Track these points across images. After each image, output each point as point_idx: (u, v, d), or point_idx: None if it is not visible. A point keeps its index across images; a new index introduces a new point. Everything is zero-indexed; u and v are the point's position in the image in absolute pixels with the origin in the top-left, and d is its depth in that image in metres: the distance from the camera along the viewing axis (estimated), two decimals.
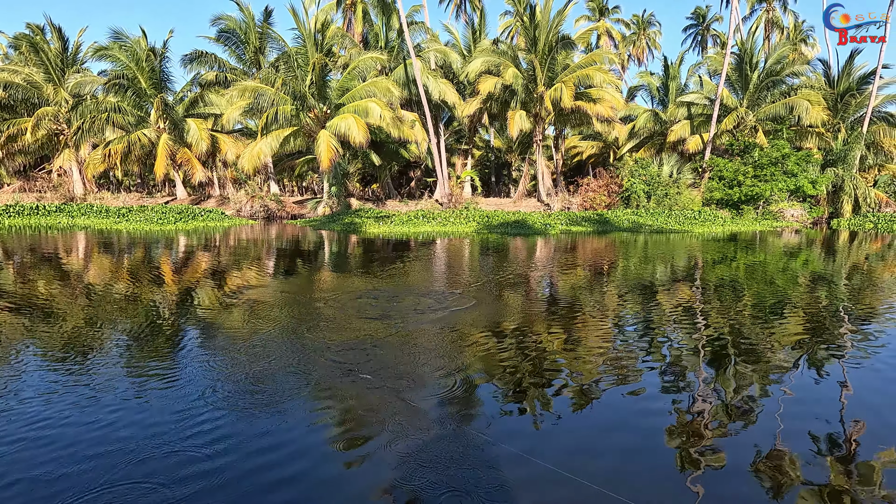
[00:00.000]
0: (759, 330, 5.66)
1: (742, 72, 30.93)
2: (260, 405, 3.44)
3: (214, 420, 3.19)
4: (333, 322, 5.64)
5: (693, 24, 53.76)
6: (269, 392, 3.65)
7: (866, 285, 8.89)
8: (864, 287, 8.71)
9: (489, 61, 29.50)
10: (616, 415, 3.48)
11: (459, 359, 4.41)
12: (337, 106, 26.60)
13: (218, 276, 8.92)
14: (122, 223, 20.39)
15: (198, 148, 27.20)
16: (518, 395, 3.76)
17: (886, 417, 3.45)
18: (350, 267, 10.06)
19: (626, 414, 3.50)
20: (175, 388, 3.71)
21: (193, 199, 30.91)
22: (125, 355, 4.53)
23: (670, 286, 8.46)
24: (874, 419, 3.40)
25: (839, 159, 29.86)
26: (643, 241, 16.85)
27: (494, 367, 4.28)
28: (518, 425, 3.30)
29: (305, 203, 28.61)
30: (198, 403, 3.42)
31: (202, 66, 31.27)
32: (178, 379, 3.91)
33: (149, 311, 6.12)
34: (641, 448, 3.02)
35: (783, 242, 17.11)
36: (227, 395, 3.61)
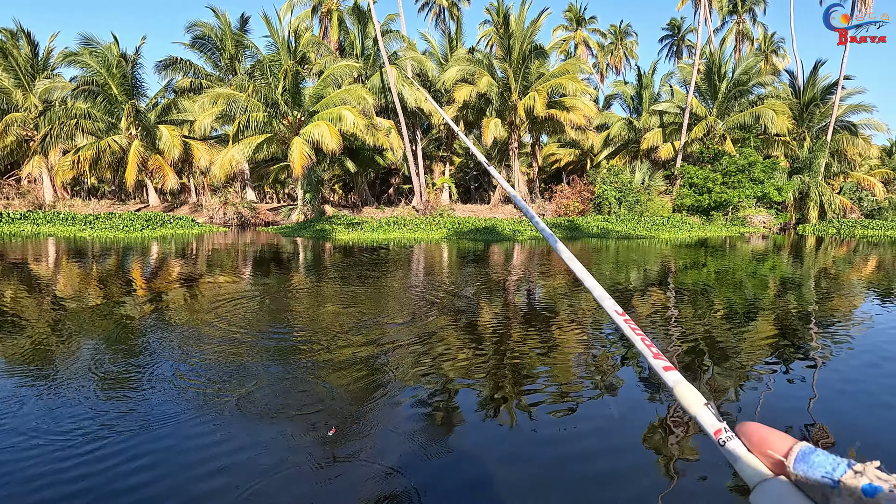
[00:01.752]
0: (727, 334, 5.82)
1: (711, 82, 31.69)
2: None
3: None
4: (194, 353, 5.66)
5: (669, 35, 54.90)
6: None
7: (832, 289, 9.15)
8: (830, 291, 8.95)
9: (465, 70, 29.83)
10: (589, 420, 3.55)
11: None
12: (311, 113, 26.63)
13: (131, 286, 8.86)
14: (87, 231, 20.12)
15: (170, 155, 26.98)
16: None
17: (852, 418, 3.58)
18: (289, 280, 10.05)
19: (600, 419, 3.57)
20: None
21: (166, 206, 30.60)
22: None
23: (623, 290, 8.63)
24: (840, 420, 3.52)
25: (805, 167, 30.70)
26: (608, 246, 17.13)
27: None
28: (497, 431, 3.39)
29: (280, 210, 28.49)
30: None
31: (177, 72, 31.10)
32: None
33: (36, 325, 6.01)
34: (621, 448, 3.13)
35: (745, 247, 17.52)
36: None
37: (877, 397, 3.91)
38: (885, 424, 3.46)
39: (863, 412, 3.66)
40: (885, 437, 3.27)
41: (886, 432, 3.34)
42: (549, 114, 29.18)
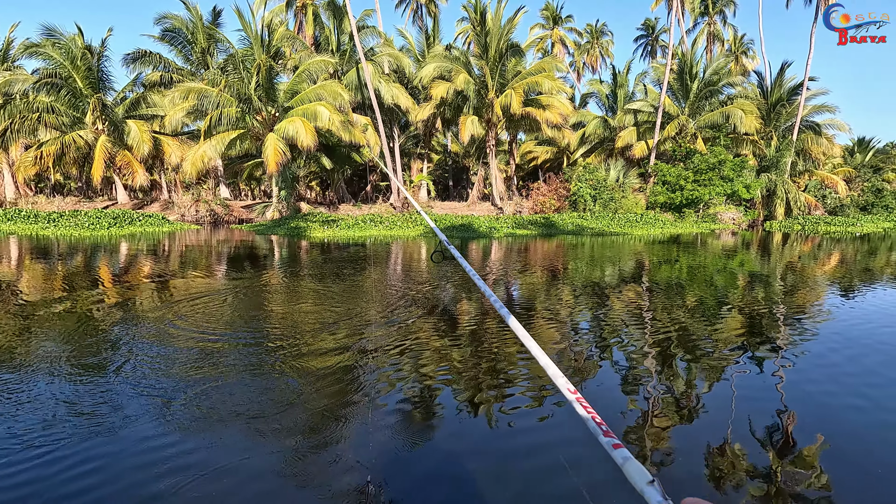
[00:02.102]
0: (698, 328, 5.94)
1: (683, 82, 32.35)
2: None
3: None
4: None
5: (643, 35, 55.78)
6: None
7: (797, 284, 9.43)
8: (796, 286, 9.23)
9: (442, 66, 29.76)
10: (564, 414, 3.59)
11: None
12: (285, 109, 26.22)
13: (92, 285, 8.64)
14: (50, 229, 19.44)
15: (139, 150, 26.23)
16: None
17: (817, 407, 3.70)
18: (259, 278, 9.91)
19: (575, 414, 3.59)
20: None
21: (136, 203, 29.78)
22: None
23: (597, 286, 8.76)
24: (805, 411, 3.64)
25: (772, 165, 31.65)
26: (583, 243, 17.36)
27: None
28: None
29: (255, 207, 28.02)
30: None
31: (146, 65, 30.23)
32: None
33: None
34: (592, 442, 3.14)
35: (715, 244, 17.99)
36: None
37: (839, 388, 4.06)
38: (847, 414, 3.60)
39: (826, 403, 3.79)
40: (846, 428, 3.40)
41: (848, 422, 3.48)
42: (526, 112, 29.37)
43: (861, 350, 5.06)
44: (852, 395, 3.92)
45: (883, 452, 3.06)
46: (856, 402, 3.78)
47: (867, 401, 3.80)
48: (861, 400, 3.82)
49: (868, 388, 4.06)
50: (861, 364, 4.63)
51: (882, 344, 5.29)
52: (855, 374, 4.38)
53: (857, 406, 3.72)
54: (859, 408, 3.69)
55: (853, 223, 28.49)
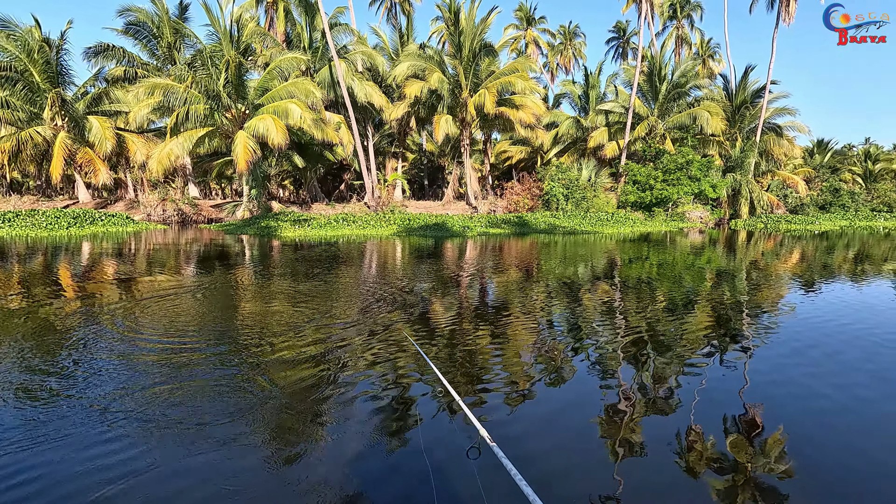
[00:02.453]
0: (668, 324, 6.05)
1: (652, 83, 33.10)
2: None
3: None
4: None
5: (615, 37, 56.79)
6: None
7: (761, 281, 9.72)
8: (759, 282, 9.51)
9: (415, 65, 29.68)
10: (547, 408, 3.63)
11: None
12: (256, 106, 25.73)
13: (46, 287, 8.33)
14: (5, 229, 18.58)
15: (101, 148, 25.33)
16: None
17: (780, 400, 3.80)
18: (224, 278, 9.69)
19: (548, 411, 3.63)
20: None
21: (99, 202, 28.76)
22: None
23: (570, 284, 8.86)
24: (767, 404, 3.73)
25: (737, 165, 32.69)
26: (556, 242, 17.57)
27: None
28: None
29: (224, 206, 27.40)
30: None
31: (108, 59, 29.24)
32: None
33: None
34: (571, 437, 3.18)
35: (684, 242, 18.45)
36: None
37: (800, 382, 4.19)
38: (806, 405, 3.73)
39: (788, 396, 3.91)
40: (807, 419, 3.51)
41: (809, 413, 3.60)
42: (500, 111, 29.55)
43: (817, 345, 5.24)
44: (811, 386, 4.06)
45: (842, 441, 3.19)
46: (819, 394, 3.92)
47: (827, 392, 3.95)
48: (820, 391, 3.97)
49: (828, 379, 4.22)
50: (823, 357, 4.79)
51: (835, 340, 5.50)
52: (817, 366, 4.53)
53: (820, 397, 3.86)
54: (822, 398, 3.83)
55: (812, 221, 29.67)
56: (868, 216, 33.37)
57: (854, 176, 45.07)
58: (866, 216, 33.31)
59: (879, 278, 9.88)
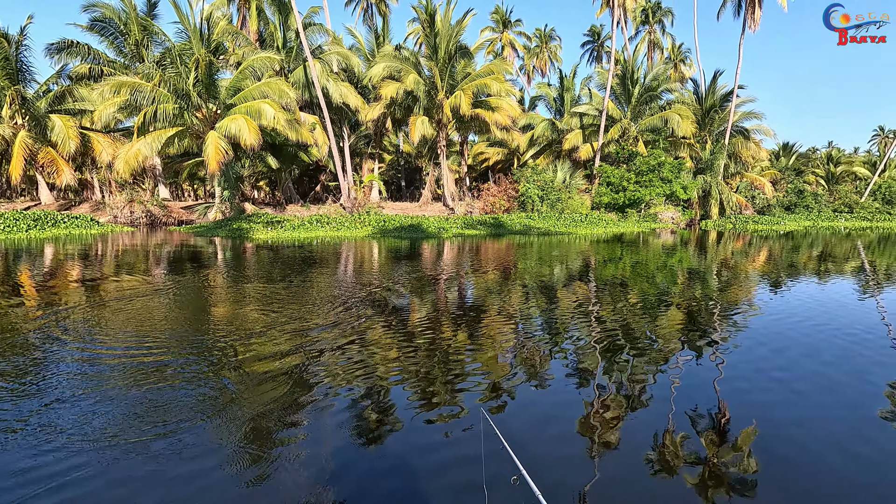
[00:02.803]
0: (641, 323, 6.09)
1: (625, 87, 33.68)
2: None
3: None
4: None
5: (590, 41, 57.66)
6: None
7: (730, 279, 9.94)
8: (729, 281, 9.72)
9: (391, 66, 29.56)
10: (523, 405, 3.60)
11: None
12: (228, 106, 25.22)
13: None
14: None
15: (65, 147, 24.45)
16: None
17: (749, 396, 3.88)
18: (189, 281, 9.45)
19: (534, 406, 3.63)
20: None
21: (63, 204, 27.78)
22: None
23: (546, 284, 8.90)
24: (740, 398, 3.83)
25: (707, 167, 33.48)
26: (529, 242, 17.69)
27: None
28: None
29: (195, 208, 26.77)
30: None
31: (73, 56, 28.25)
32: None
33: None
34: (550, 437, 3.19)
35: (656, 242, 18.80)
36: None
37: (769, 375, 4.31)
38: (775, 398, 3.82)
39: (758, 389, 4.01)
40: (775, 412, 3.59)
41: (778, 406, 3.69)
42: (475, 113, 29.64)
43: (785, 343, 5.36)
44: (776, 383, 4.16)
45: (804, 435, 3.28)
46: (782, 391, 4.01)
47: (791, 389, 4.05)
48: (785, 388, 4.06)
49: (790, 376, 4.32)
50: (785, 356, 4.89)
51: (804, 336, 5.64)
52: (780, 365, 4.62)
53: (783, 394, 3.94)
54: (785, 395, 3.92)
55: (778, 222, 30.62)
56: (830, 217, 34.63)
57: (817, 178, 46.71)
58: (828, 217, 34.57)
59: (843, 276, 10.24)
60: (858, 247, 17.57)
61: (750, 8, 31.55)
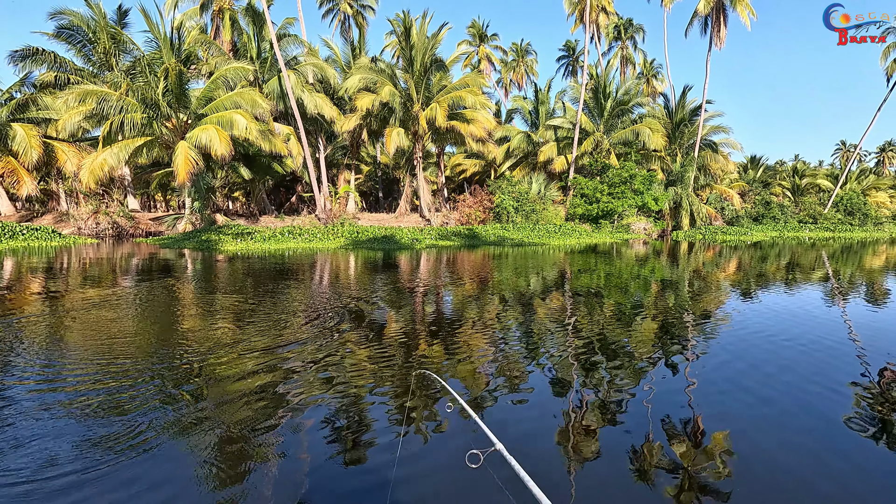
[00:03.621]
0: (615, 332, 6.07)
1: (598, 101, 34.40)
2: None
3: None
4: None
5: (565, 56, 58.86)
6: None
7: (701, 289, 10.06)
8: (700, 291, 9.84)
9: (367, 78, 29.62)
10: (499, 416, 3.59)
11: None
12: (199, 116, 24.85)
13: None
14: None
15: (26, 157, 23.72)
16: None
17: (721, 404, 3.93)
18: (140, 295, 9.17)
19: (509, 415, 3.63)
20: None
21: (24, 215, 26.84)
22: None
23: (521, 295, 8.87)
24: (713, 408, 3.86)
25: (678, 179, 34.30)
26: (502, 253, 17.73)
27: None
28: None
29: (164, 219, 26.16)
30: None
31: (38, 64, 27.50)
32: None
33: None
34: (527, 448, 3.17)
35: (628, 252, 19.04)
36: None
37: (740, 385, 4.35)
38: (742, 408, 3.86)
39: (729, 398, 4.05)
40: (748, 423, 3.61)
41: (750, 417, 3.71)
42: (451, 125, 29.85)
43: (756, 353, 5.41)
44: (748, 393, 4.19)
45: (775, 443, 3.31)
46: (753, 400, 4.04)
47: (764, 398, 4.08)
48: (757, 397, 4.10)
49: (763, 387, 4.35)
50: (757, 366, 4.92)
51: (772, 345, 5.72)
52: (752, 375, 4.65)
53: (754, 403, 3.98)
54: (757, 405, 3.96)
55: (745, 233, 31.45)
56: (795, 227, 35.75)
57: (784, 190, 48.27)
58: (794, 227, 35.68)
59: (810, 285, 10.49)
60: (823, 256, 18.12)
61: (715, 27, 32.68)
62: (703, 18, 33.79)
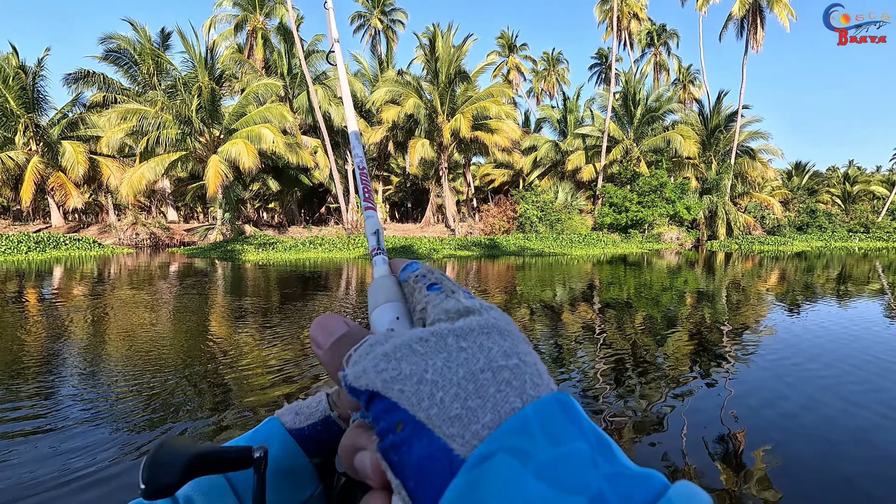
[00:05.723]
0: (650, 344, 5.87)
1: (628, 108, 33.64)
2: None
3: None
4: None
5: (597, 63, 58.01)
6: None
7: (741, 301, 9.55)
8: (740, 302, 9.33)
9: (393, 91, 30.13)
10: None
11: None
12: (231, 131, 25.95)
13: None
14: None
15: (74, 172, 25.38)
16: None
17: (764, 421, 3.70)
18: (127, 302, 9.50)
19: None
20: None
21: (72, 226, 28.68)
22: None
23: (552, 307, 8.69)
24: (755, 423, 3.65)
25: (713, 188, 32.95)
26: (516, 264, 17.47)
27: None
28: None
29: (197, 230, 27.34)
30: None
31: (89, 86, 29.53)
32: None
33: None
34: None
35: (659, 262, 18.35)
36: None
37: (785, 399, 4.09)
38: (790, 425, 3.62)
39: (774, 413, 3.81)
40: (793, 438, 3.39)
41: (794, 433, 3.49)
42: (475, 135, 29.87)
43: (806, 366, 5.06)
44: (796, 409, 3.93)
45: (824, 462, 3.09)
46: (800, 417, 3.80)
47: (810, 417, 3.81)
48: (804, 416, 3.83)
49: (809, 404, 4.06)
50: (806, 384, 4.56)
51: (825, 365, 5.29)
52: (797, 392, 4.34)
53: (802, 422, 3.72)
54: (804, 424, 3.69)
55: (785, 242, 29.75)
56: (844, 237, 33.53)
57: (833, 197, 45.52)
58: (842, 237, 33.47)
59: (862, 298, 9.69)
60: (877, 267, 16.79)
61: (752, 29, 31.43)
62: (739, 21, 32.59)
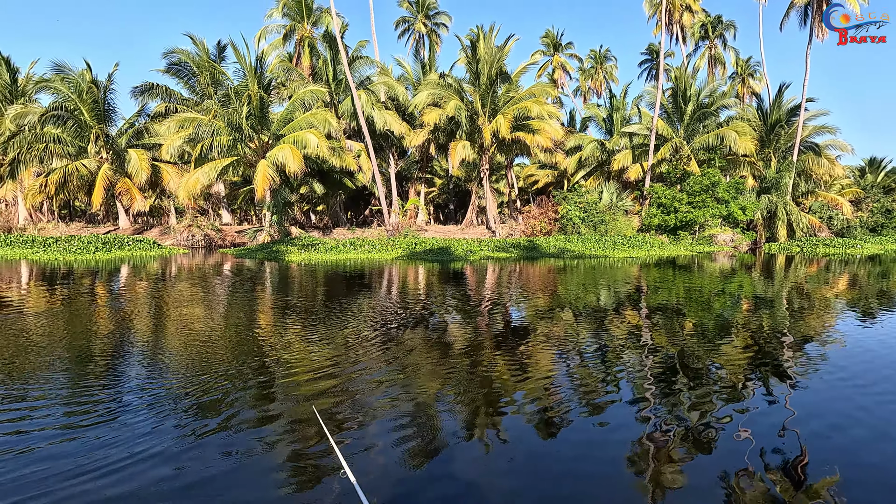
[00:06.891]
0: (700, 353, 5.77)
1: (678, 104, 32.19)
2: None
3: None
4: None
5: (648, 59, 55.91)
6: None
7: (804, 307, 9.02)
8: (802, 309, 8.84)
9: (435, 94, 30.38)
10: (578, 442, 3.51)
11: None
12: (278, 136, 27.04)
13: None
14: (39, 253, 20.21)
15: (138, 178, 27.31)
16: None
17: (825, 438, 3.54)
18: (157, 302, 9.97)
19: (588, 442, 3.52)
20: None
21: (137, 228, 30.80)
22: None
23: (596, 311, 8.60)
24: (815, 439, 3.51)
25: (772, 186, 30.89)
26: (555, 266, 17.10)
27: None
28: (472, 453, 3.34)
29: (246, 232, 28.66)
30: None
31: (153, 97, 31.69)
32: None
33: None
34: (604, 475, 3.08)
35: (712, 266, 17.46)
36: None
37: (850, 417, 3.87)
38: (855, 445, 3.42)
39: (837, 431, 3.62)
40: (860, 458, 3.24)
41: (861, 453, 3.30)
42: (516, 136, 29.58)
43: (871, 381, 4.75)
44: (863, 428, 3.71)
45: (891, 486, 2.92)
46: (866, 435, 3.60)
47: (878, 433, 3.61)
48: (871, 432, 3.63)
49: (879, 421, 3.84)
50: (879, 407, 4.24)
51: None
52: (872, 416, 4.03)
53: (868, 438, 3.54)
54: (871, 440, 3.51)
55: (853, 245, 27.41)
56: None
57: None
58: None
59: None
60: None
61: (817, 16, 29.22)
62: (802, 8, 30.39)
